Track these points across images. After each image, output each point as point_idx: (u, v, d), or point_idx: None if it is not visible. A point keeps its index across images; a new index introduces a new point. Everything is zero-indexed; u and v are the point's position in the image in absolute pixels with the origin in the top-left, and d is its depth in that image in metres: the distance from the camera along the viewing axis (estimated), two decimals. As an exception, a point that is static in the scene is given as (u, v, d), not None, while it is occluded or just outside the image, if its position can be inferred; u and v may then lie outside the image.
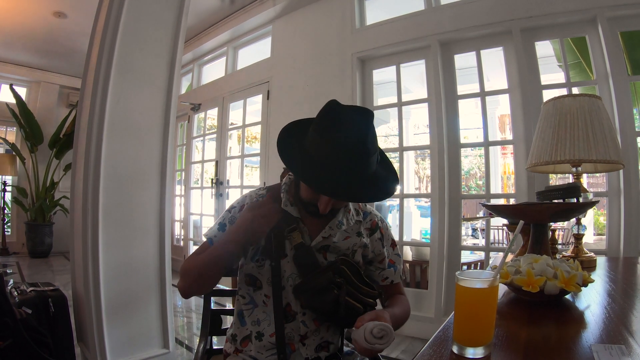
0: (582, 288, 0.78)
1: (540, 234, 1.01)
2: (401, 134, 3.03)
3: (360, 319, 0.78)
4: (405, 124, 4.12)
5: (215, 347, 1.17)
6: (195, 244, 4.67)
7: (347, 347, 1.03)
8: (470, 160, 10.60)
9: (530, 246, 1.02)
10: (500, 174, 7.66)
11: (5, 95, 5.31)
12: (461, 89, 2.76)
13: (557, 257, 1.14)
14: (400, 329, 0.92)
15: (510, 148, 6.76)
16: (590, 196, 1.29)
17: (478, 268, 3.30)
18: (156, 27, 1.98)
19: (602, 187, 4.18)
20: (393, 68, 2.98)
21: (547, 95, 2.20)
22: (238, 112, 4.31)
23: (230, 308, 1.05)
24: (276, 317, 0.89)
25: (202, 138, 4.73)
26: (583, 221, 1.35)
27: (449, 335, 0.64)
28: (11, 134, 5.74)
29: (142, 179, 1.95)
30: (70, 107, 5.66)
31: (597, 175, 4.59)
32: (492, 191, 5.68)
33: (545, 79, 2.49)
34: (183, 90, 5.14)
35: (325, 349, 0.93)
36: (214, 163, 4.36)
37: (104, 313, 1.76)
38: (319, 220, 0.93)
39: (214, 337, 1.19)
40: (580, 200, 1.15)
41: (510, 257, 1.17)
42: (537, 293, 0.74)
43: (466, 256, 3.63)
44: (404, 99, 2.99)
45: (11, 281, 2.14)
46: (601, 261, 1.37)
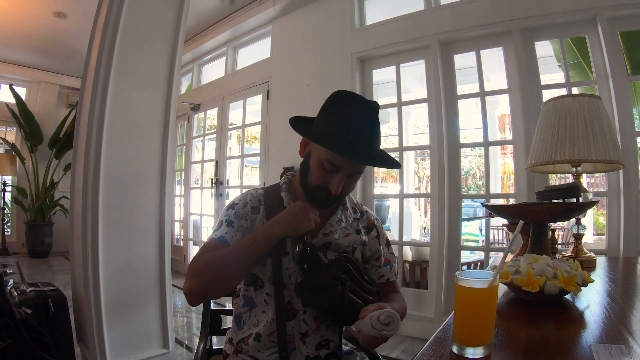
0: (582, 288, 0.78)
1: (540, 234, 1.01)
2: (401, 134, 3.04)
3: (364, 309, 0.79)
4: (405, 124, 4.12)
5: (215, 347, 1.17)
6: (195, 244, 4.67)
7: (346, 346, 1.03)
8: (470, 160, 10.59)
9: (530, 246, 1.02)
10: (500, 174, 7.65)
11: (5, 95, 5.30)
12: (461, 89, 2.76)
13: (557, 257, 1.14)
14: (400, 329, 0.92)
15: (510, 148, 6.75)
16: (590, 196, 1.28)
17: (478, 268, 3.30)
18: (156, 27, 1.98)
19: (601, 187, 4.18)
20: (393, 68, 2.98)
21: (547, 95, 2.20)
22: (238, 112, 4.30)
23: (230, 308, 1.05)
24: (278, 316, 0.90)
25: (201, 138, 4.73)
26: (583, 221, 1.35)
27: (449, 335, 0.64)
28: (11, 134, 5.74)
29: (142, 179, 1.95)
30: (70, 107, 5.66)
31: (596, 175, 4.59)
32: (492, 191, 5.67)
33: (545, 79, 2.49)
34: (183, 90, 5.14)
35: (326, 346, 0.94)
36: (213, 163, 4.36)
37: (103, 313, 1.76)
38: (320, 217, 0.94)
39: (213, 337, 1.19)
40: (580, 200, 1.15)
41: (510, 257, 1.17)
42: (536, 293, 0.74)
43: (466, 256, 3.62)
44: (404, 99, 2.99)
45: (11, 281, 2.13)
46: (601, 261, 1.37)
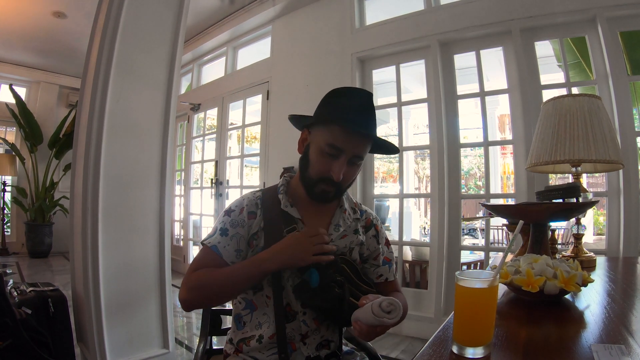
0: (582, 288, 0.78)
1: (540, 234, 1.01)
2: (401, 134, 3.04)
3: (364, 297, 0.78)
4: (404, 124, 4.11)
5: (215, 347, 1.17)
6: (195, 244, 4.67)
7: (346, 346, 1.03)
8: (470, 160, 10.59)
9: (530, 246, 1.02)
10: (500, 174, 7.67)
11: (5, 95, 5.31)
12: (461, 89, 2.77)
13: (557, 257, 1.14)
14: (400, 328, 0.92)
15: (509, 148, 6.76)
16: (590, 196, 1.28)
17: (478, 268, 3.30)
18: (156, 27, 1.98)
19: (601, 187, 4.18)
20: (393, 68, 2.98)
21: (547, 95, 2.20)
22: (238, 112, 4.30)
23: (230, 308, 1.05)
24: (277, 318, 0.89)
25: (201, 138, 4.73)
26: (583, 221, 1.35)
27: (449, 335, 0.64)
28: (11, 134, 5.74)
29: (142, 179, 1.95)
30: (70, 107, 5.66)
31: (596, 175, 4.59)
32: (492, 191, 5.68)
33: (545, 79, 2.49)
34: (183, 90, 5.13)
35: (326, 347, 0.94)
36: (213, 163, 4.36)
37: (103, 313, 1.76)
38: (319, 220, 0.95)
39: (213, 337, 1.18)
40: (580, 200, 1.15)
41: (510, 257, 1.17)
42: (536, 293, 0.74)
43: (466, 256, 3.63)
44: (404, 99, 2.99)
45: (11, 281, 2.13)
46: (601, 261, 1.37)
